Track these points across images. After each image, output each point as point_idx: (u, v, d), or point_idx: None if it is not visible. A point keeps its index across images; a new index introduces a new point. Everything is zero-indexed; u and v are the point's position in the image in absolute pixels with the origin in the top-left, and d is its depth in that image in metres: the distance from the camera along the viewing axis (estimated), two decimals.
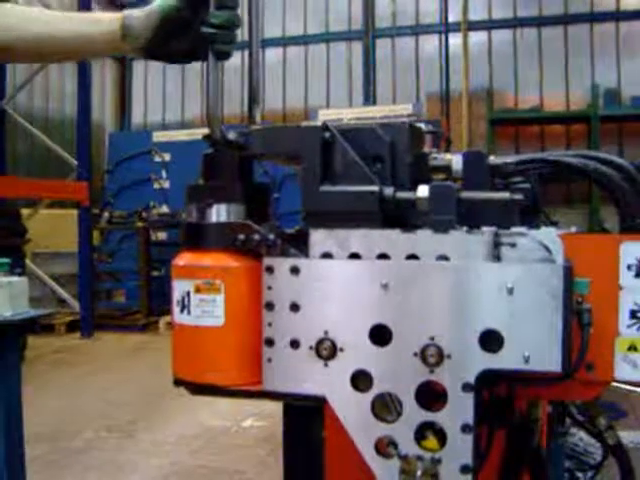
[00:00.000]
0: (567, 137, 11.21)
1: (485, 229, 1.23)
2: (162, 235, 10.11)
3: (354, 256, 1.29)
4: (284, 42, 12.76)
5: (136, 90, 13.67)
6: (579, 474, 2.61)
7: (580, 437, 2.64)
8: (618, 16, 11.28)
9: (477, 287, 1.18)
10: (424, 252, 1.25)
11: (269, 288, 1.30)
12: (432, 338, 1.19)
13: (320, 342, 1.26)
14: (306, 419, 1.46)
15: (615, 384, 1.31)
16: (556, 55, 11.45)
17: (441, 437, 1.20)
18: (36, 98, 11.71)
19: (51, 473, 4.06)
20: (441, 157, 1.53)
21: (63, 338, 8.49)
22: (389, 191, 1.31)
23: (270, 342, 1.31)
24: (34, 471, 3.04)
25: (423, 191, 1.27)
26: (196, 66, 13.10)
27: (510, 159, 1.58)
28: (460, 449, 1.19)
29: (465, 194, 1.28)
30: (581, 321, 1.24)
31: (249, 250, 1.34)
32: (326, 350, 1.26)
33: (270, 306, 1.30)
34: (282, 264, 1.30)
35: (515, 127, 11.27)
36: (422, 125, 1.55)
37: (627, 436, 2.10)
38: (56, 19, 1.52)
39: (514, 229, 1.25)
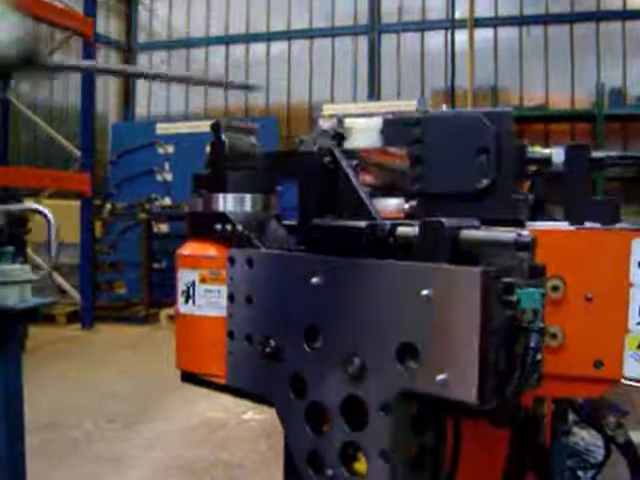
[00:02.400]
0: (572, 136, 11.17)
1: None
2: (164, 227, 10.11)
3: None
4: (289, 35, 12.72)
5: (140, 81, 13.63)
6: (580, 473, 2.60)
7: (582, 436, 2.63)
8: (624, 15, 11.23)
9: (394, 290, 1.04)
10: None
11: (231, 279, 1.27)
12: (355, 346, 1.08)
13: (265, 339, 1.20)
14: None
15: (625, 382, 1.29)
16: (562, 53, 11.40)
17: (367, 461, 1.09)
18: (40, 88, 11.67)
19: (50, 464, 4.05)
20: (538, 150, 1.48)
21: (63, 329, 8.48)
22: (386, 226, 1.13)
23: (231, 335, 1.27)
24: (34, 462, 3.03)
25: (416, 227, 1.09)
26: (200, 59, 13.09)
27: (612, 153, 1.54)
28: (379, 478, 1.07)
29: (465, 233, 1.05)
30: (525, 343, 1.01)
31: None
32: (270, 349, 1.19)
33: (231, 298, 1.27)
34: (241, 255, 1.26)
35: (520, 125, 11.22)
36: None
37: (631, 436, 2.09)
38: None
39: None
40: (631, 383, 1.25)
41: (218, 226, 1.33)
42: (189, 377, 1.41)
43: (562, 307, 1.31)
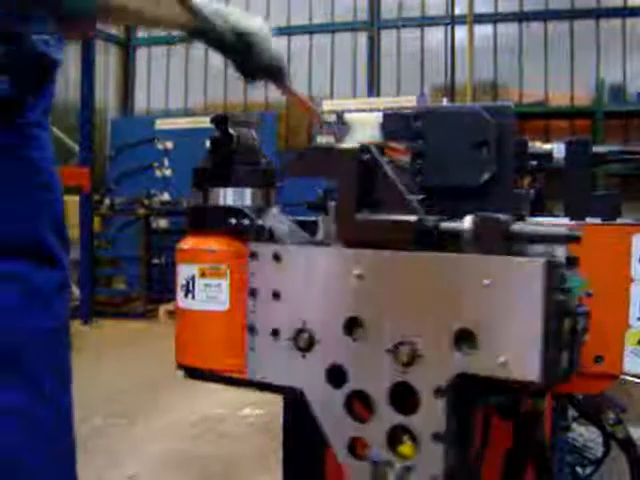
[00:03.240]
0: (571, 132, 11.17)
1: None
2: (163, 223, 10.09)
3: None
4: (289, 31, 12.69)
5: (139, 76, 13.61)
6: (578, 469, 2.60)
7: (580, 432, 2.63)
8: (625, 12, 11.22)
9: (453, 281, 1.09)
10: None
11: (253, 274, 1.28)
12: (405, 335, 1.12)
13: (298, 333, 1.22)
14: (307, 411, 1.44)
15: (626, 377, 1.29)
16: (562, 50, 11.39)
17: (416, 443, 1.13)
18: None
19: None
20: (539, 145, 1.49)
21: None
22: (430, 221, 1.18)
23: (253, 330, 1.28)
24: None
25: (468, 222, 1.13)
26: (200, 54, 13.05)
27: (614, 148, 1.55)
28: (430, 459, 1.11)
29: (516, 227, 1.11)
30: (574, 325, 1.10)
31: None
32: (303, 341, 1.21)
33: (253, 293, 1.28)
34: (265, 250, 1.26)
35: (519, 121, 11.16)
36: None
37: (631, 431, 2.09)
38: None
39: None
40: (632, 379, 1.25)
41: (232, 220, 1.33)
42: (189, 372, 1.40)
43: None
